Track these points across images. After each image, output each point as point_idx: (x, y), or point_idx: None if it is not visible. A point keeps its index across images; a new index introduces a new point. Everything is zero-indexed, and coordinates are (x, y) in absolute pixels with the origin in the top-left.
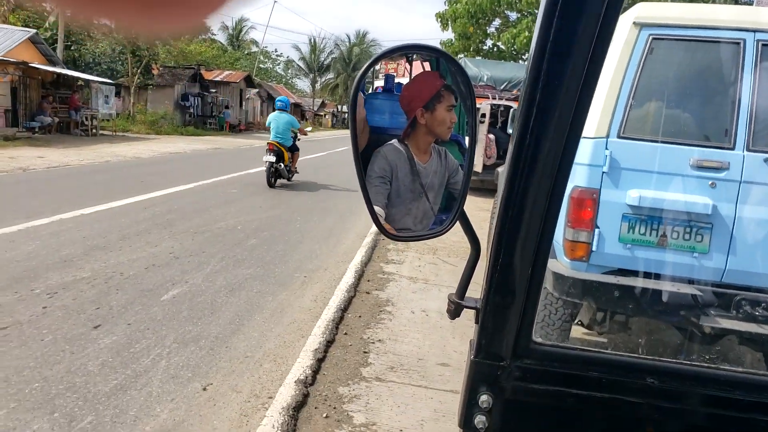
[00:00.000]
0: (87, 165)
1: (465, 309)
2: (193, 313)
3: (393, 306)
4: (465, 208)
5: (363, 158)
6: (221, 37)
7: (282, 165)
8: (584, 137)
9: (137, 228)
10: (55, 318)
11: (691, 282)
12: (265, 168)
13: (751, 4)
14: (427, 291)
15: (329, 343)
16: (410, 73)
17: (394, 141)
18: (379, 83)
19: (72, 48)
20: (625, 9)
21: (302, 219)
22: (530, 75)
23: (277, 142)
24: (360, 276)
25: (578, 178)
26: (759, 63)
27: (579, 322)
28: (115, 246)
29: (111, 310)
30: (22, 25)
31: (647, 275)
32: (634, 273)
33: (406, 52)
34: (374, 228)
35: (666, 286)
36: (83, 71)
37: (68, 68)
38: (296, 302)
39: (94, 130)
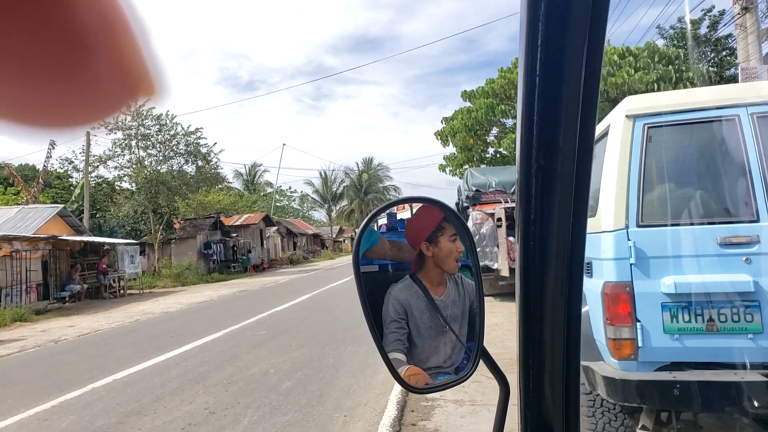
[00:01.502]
0: (117, 327)
1: None
2: None
3: None
4: (498, 319)
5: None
6: (237, 184)
7: None
8: (605, 231)
9: (170, 386)
10: None
11: (754, 367)
12: None
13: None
14: (477, 414)
15: None
16: (411, 209)
17: (406, 278)
18: (383, 221)
19: (97, 216)
20: (615, 102)
21: (334, 352)
22: (521, 179)
23: None
24: (403, 407)
25: (607, 273)
26: (759, 134)
27: (643, 427)
28: (149, 409)
29: None
30: (51, 202)
31: (705, 365)
32: (690, 365)
33: (399, 204)
34: None
35: (728, 376)
36: (108, 235)
37: (94, 235)
38: None
39: (122, 291)
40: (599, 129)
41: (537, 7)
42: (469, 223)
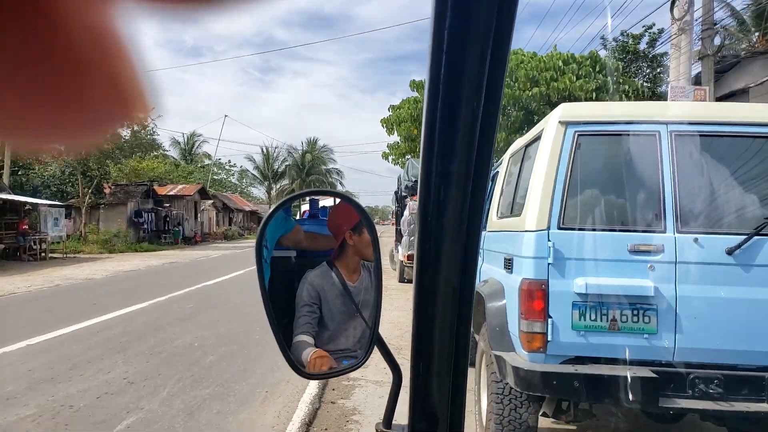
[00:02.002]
0: (35, 291)
1: None
2: None
3: (360, 414)
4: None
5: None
6: (174, 153)
7: None
8: (527, 230)
9: (89, 354)
10: None
11: (645, 364)
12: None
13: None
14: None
15: None
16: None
17: (323, 264)
18: (305, 207)
19: (19, 173)
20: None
21: (261, 329)
22: (422, 181)
23: None
24: (324, 385)
25: (525, 270)
26: (674, 151)
27: (544, 413)
28: (64, 377)
29: None
30: None
31: (604, 360)
32: (591, 359)
33: (311, 196)
34: None
35: (623, 371)
36: (31, 195)
37: (15, 193)
38: (258, 420)
39: (43, 254)
40: (534, 132)
41: (444, 8)
42: (406, 213)
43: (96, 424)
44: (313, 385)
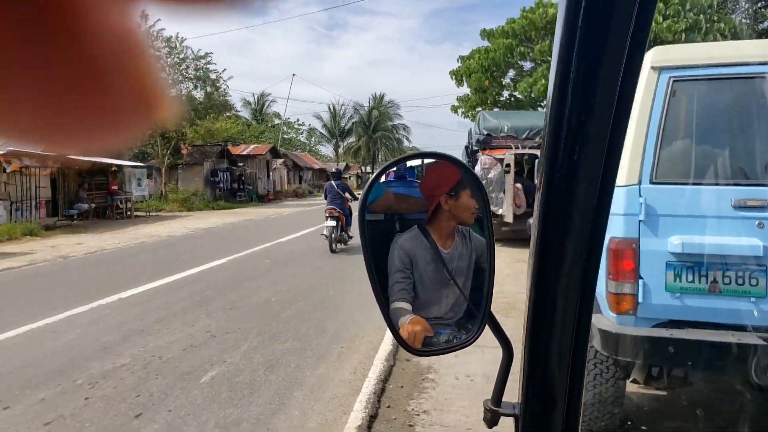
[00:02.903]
0: (123, 248)
1: (502, 417)
2: (233, 394)
3: (435, 373)
4: (499, 263)
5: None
6: (245, 113)
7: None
8: (616, 186)
9: (174, 308)
10: (97, 410)
11: (751, 330)
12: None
13: None
14: (471, 354)
15: (372, 419)
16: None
17: (414, 228)
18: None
19: None
20: None
21: (336, 286)
22: (552, 121)
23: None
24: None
25: (614, 228)
26: None
27: (634, 380)
28: (152, 329)
29: (151, 396)
30: None
31: (702, 325)
32: (688, 324)
33: (416, 159)
34: None
35: (724, 337)
36: (116, 157)
37: (102, 156)
38: (336, 375)
39: (128, 213)
40: None
41: None
42: (477, 167)
43: (183, 375)
44: (388, 342)
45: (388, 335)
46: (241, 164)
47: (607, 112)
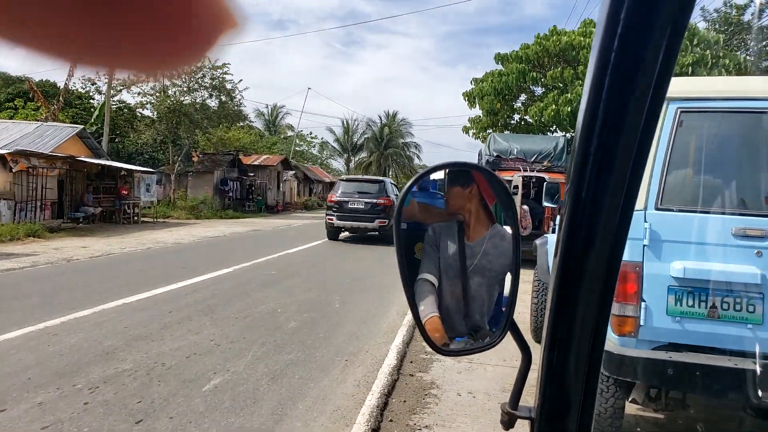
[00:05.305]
0: (129, 253)
1: (519, 419)
2: (236, 404)
3: (438, 389)
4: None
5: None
6: (258, 124)
7: None
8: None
9: (179, 315)
10: (97, 415)
11: (748, 355)
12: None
13: None
14: (473, 371)
15: None
16: (445, 173)
17: (453, 220)
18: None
19: (116, 140)
20: None
21: (340, 299)
22: (579, 148)
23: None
24: (402, 357)
25: (631, 252)
26: None
27: (633, 400)
28: (156, 335)
29: (153, 403)
30: (70, 122)
31: (700, 349)
32: (687, 347)
33: (449, 169)
34: None
35: (722, 362)
36: (126, 162)
37: (112, 159)
38: (339, 388)
39: (135, 218)
40: None
41: None
42: None
43: (186, 382)
44: (392, 357)
45: (393, 351)
46: (252, 174)
47: (632, 141)
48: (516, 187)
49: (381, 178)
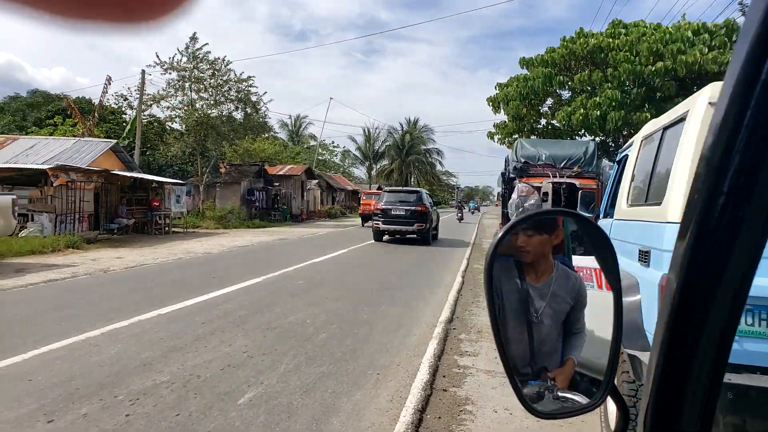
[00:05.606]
0: (161, 263)
1: None
2: (271, 418)
3: (473, 405)
4: None
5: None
6: (282, 134)
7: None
8: (669, 221)
9: (211, 326)
10: (138, 427)
11: None
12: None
13: None
14: (507, 387)
15: None
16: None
17: (510, 258)
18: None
19: (147, 153)
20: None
21: (368, 309)
22: (710, 172)
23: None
24: (435, 371)
25: (667, 265)
26: None
27: None
28: (191, 347)
29: (190, 416)
30: (105, 137)
31: (762, 370)
32: (745, 368)
33: (542, 218)
34: (444, 317)
35: None
36: (156, 174)
37: (143, 172)
38: (372, 403)
39: (167, 228)
40: (675, 113)
41: None
42: (514, 195)
43: (221, 395)
44: (424, 371)
45: (425, 365)
46: (277, 184)
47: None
48: (546, 193)
49: (418, 189)
